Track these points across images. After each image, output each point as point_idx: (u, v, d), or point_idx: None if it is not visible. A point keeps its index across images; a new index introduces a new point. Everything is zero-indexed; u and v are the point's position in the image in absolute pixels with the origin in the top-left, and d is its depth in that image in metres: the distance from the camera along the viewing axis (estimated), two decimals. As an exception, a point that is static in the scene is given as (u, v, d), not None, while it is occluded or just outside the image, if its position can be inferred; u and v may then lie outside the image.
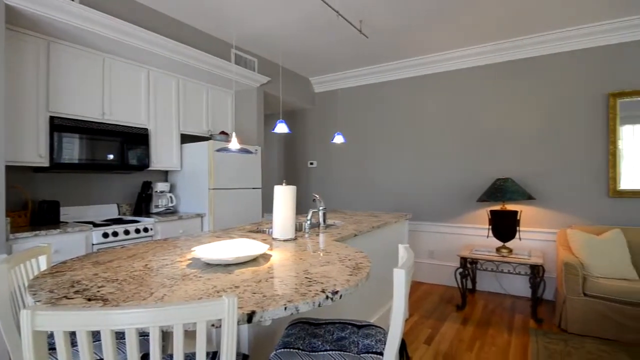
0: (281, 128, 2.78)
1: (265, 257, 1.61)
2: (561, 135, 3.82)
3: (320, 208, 2.41)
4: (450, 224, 4.41)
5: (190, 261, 1.53)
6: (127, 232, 2.88)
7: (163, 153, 3.52)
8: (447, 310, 3.59)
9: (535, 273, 3.30)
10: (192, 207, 3.67)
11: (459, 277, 3.62)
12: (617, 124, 3.56)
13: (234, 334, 0.85)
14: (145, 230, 3.03)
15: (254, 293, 1.11)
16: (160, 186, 3.59)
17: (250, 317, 0.96)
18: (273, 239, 2.03)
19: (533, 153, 3.96)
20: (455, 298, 3.91)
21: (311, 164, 5.50)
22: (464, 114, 4.35)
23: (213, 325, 0.92)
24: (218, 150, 2.23)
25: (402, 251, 1.40)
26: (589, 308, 2.96)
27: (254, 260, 1.53)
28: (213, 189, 3.54)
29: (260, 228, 2.54)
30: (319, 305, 1.07)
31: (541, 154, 3.91)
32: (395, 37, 3.88)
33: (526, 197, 3.61)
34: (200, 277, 1.29)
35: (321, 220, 2.41)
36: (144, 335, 1.28)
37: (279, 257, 1.61)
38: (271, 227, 2.32)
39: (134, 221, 3.05)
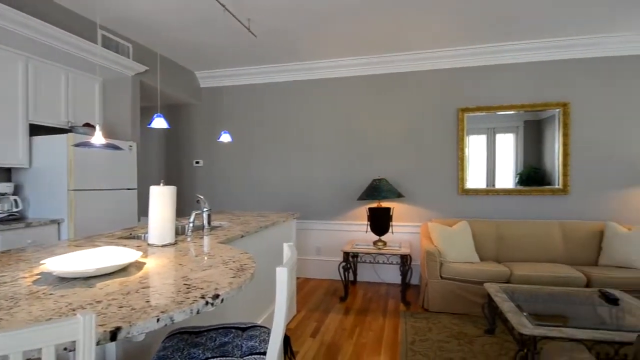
0: (159, 123, 2.55)
1: (137, 265, 1.45)
2: (424, 141, 4.42)
3: (205, 209, 2.30)
4: (336, 221, 4.69)
5: (39, 276, 1.28)
6: (-53, 246, 2.27)
7: (4, 147, 2.88)
8: (332, 303, 3.80)
9: (404, 262, 3.74)
10: (46, 212, 3.10)
11: (342, 270, 3.88)
12: (465, 134, 4.29)
13: (92, 356, 0.74)
14: (-23, 242, 2.44)
15: (121, 307, 0.99)
16: (0, 187, 2.93)
17: (114, 334, 0.85)
18: (149, 245, 1.85)
19: (402, 156, 4.48)
20: (339, 290, 4.17)
21: (197, 162, 5.20)
22: (345, 119, 4.67)
23: (66, 349, 0.78)
24: (76, 145, 1.92)
25: (287, 250, 1.42)
26: (445, 289, 3.49)
27: (123, 270, 1.37)
28: (74, 190, 3.04)
29: (134, 234, 2.28)
30: (198, 312, 1.01)
31: (408, 157, 4.46)
32: (284, 40, 3.94)
33: (397, 195, 4.07)
34: (51, 294, 1.09)
35: (205, 222, 2.29)
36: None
37: (155, 264, 1.47)
38: (147, 232, 2.11)
39: (-41, 231, 2.42)
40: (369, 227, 4.14)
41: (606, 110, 3.96)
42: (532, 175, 4.17)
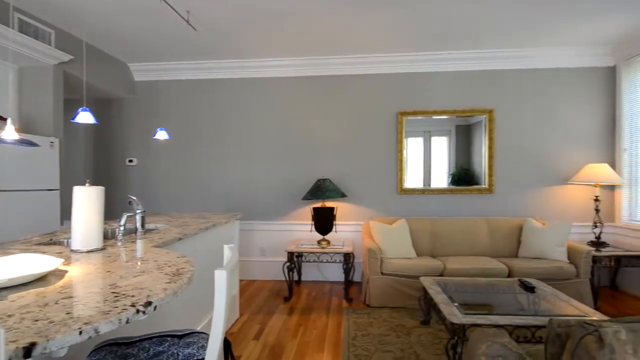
0: (84, 117, 2.33)
1: (58, 274, 1.32)
2: (366, 142, 4.57)
3: (138, 211, 2.15)
4: (280, 221, 4.66)
5: None
6: None
7: None
8: (276, 303, 3.77)
9: (347, 260, 3.83)
10: (-55, 216, 2.70)
11: (286, 270, 3.87)
12: (404, 136, 4.50)
13: (-2, 378, 0.66)
14: None
15: (37, 320, 0.89)
16: None
17: (28, 350, 0.77)
18: (72, 251, 1.69)
19: (345, 157, 4.59)
20: (284, 290, 4.15)
21: (130, 161, 4.86)
22: (289, 119, 4.67)
23: (-34, 372, 0.69)
24: (-17, 141, 1.70)
25: (227, 251, 1.38)
26: (385, 284, 3.63)
27: (40, 280, 1.24)
28: (-18, 191, 2.69)
29: (55, 239, 2.07)
30: (127, 322, 0.95)
31: (351, 158, 4.58)
32: (226, 36, 3.83)
33: (340, 195, 4.16)
34: (-52, 311, 0.95)
35: (138, 225, 2.15)
36: None
37: (79, 272, 1.35)
38: (70, 237, 1.92)
39: None
40: (313, 226, 4.18)
41: (524, 117, 4.40)
42: (463, 176, 4.50)
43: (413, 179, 4.55)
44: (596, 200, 3.99)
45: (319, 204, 4.28)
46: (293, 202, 4.64)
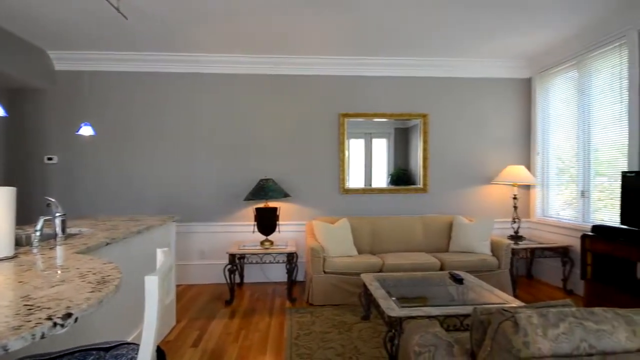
0: (-9, 109, 2.06)
1: (-45, 287, 1.15)
2: (308, 143, 4.60)
3: (57, 214, 1.95)
4: (221, 222, 4.52)
5: None
6: None
7: None
8: (217, 308, 3.65)
9: (290, 260, 3.83)
10: None
11: (227, 273, 3.76)
12: (345, 137, 4.61)
13: None
14: None
15: None
16: None
17: None
18: (-25, 260, 1.48)
19: (288, 157, 4.58)
20: (225, 294, 4.02)
21: (49, 159, 4.38)
22: (230, 117, 4.54)
23: None
24: None
25: (160, 255, 1.30)
26: (327, 283, 3.69)
27: None
28: None
29: (-47, 247, 1.80)
30: (43, 337, 0.85)
31: (295, 158, 4.59)
32: (161, 28, 3.62)
33: (284, 195, 4.14)
34: None
35: (58, 229, 1.94)
36: None
37: (-17, 284, 1.19)
38: (-26, 245, 1.68)
39: None
40: (255, 227, 4.11)
41: (454, 122, 4.75)
42: (401, 176, 4.73)
43: (355, 179, 4.68)
44: (515, 198, 4.42)
45: (261, 204, 4.22)
46: (235, 202, 4.52)
